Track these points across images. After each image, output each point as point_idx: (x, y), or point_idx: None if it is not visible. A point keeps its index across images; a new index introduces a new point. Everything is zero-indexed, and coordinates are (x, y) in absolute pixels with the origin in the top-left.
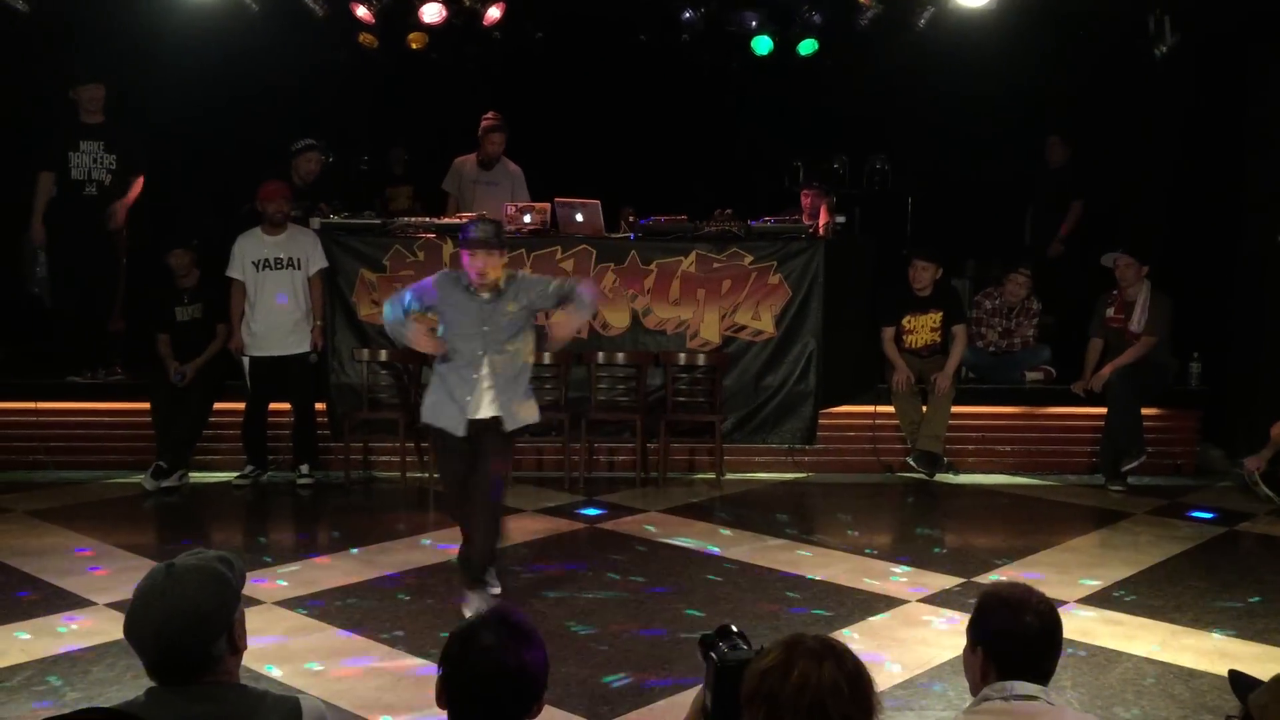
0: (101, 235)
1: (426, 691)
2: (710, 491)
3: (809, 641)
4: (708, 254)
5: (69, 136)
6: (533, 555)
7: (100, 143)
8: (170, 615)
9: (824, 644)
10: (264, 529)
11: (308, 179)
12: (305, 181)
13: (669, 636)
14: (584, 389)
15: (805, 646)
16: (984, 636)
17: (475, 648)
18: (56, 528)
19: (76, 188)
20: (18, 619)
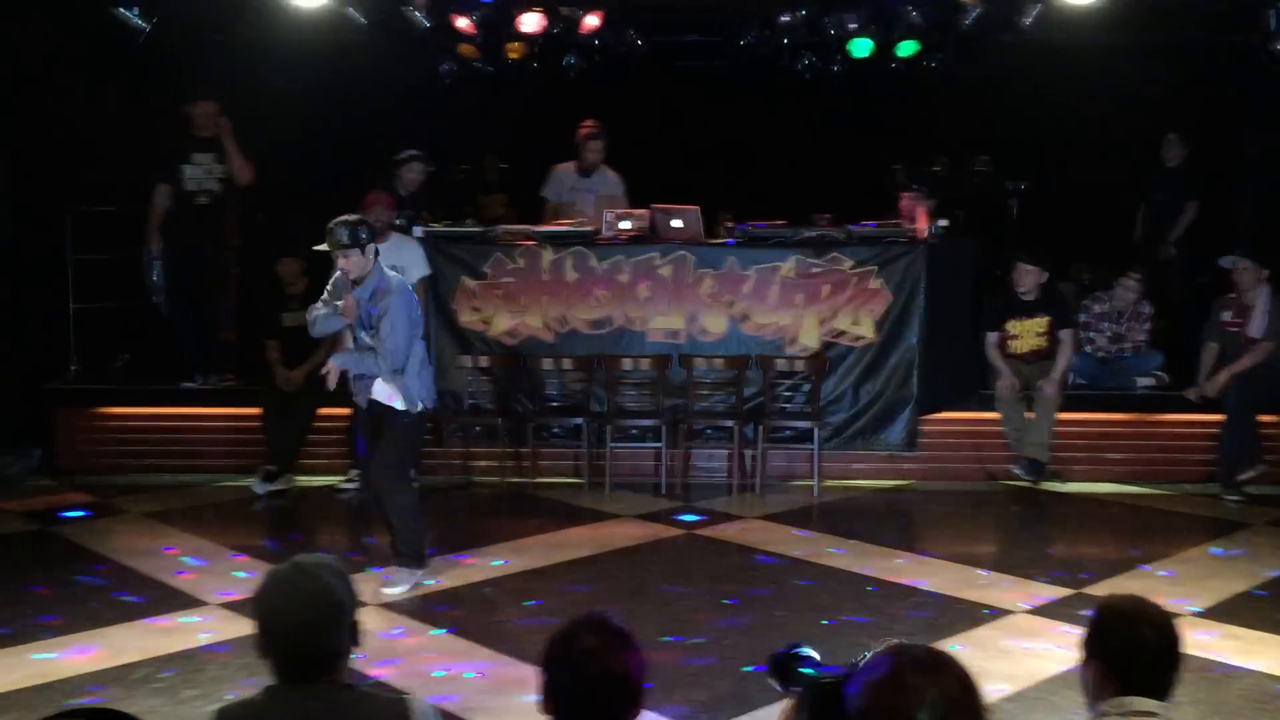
0: (214, 244)
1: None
2: (809, 498)
3: (916, 652)
4: (807, 259)
5: (182, 150)
6: (629, 560)
7: (212, 154)
8: (311, 606)
9: (933, 655)
10: (368, 532)
11: (411, 188)
12: (409, 191)
13: (767, 645)
14: (681, 395)
15: (913, 658)
16: (1101, 651)
17: (577, 650)
18: (171, 529)
19: (189, 198)
20: (135, 617)
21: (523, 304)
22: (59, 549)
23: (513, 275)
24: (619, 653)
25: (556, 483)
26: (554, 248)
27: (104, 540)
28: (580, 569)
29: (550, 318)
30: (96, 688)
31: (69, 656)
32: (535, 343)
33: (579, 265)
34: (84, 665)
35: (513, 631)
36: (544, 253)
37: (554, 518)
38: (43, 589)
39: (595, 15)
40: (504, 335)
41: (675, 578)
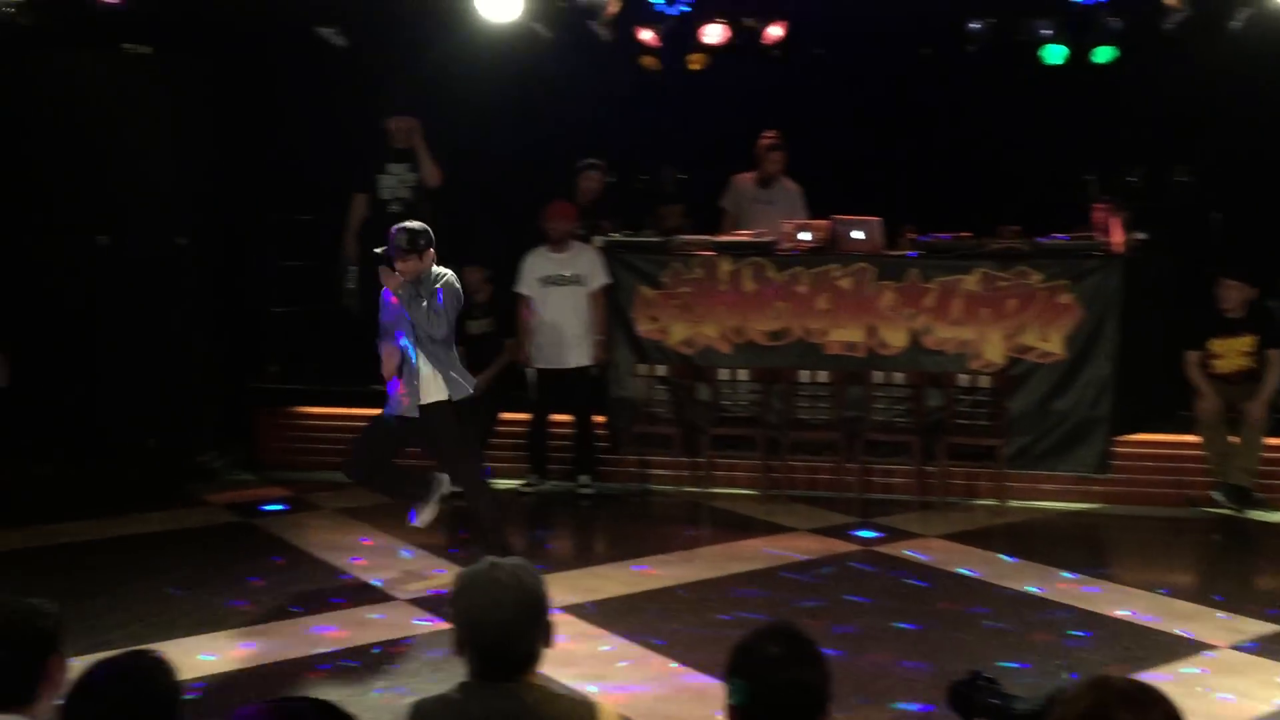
0: None
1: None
2: (992, 518)
3: (1121, 685)
4: (993, 272)
5: (379, 160)
6: (805, 574)
7: (405, 164)
8: (515, 606)
9: (1139, 689)
10: (546, 536)
11: (588, 197)
12: (586, 200)
13: (946, 668)
14: (860, 409)
15: (1118, 690)
16: None
17: (762, 659)
18: (361, 525)
19: (383, 207)
20: (327, 609)
21: (700, 314)
22: (258, 540)
23: (690, 285)
24: (806, 662)
25: (731, 493)
26: (732, 258)
27: (299, 534)
28: (755, 580)
29: (727, 328)
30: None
31: (267, 644)
32: (712, 353)
33: (757, 276)
34: (281, 653)
35: (687, 640)
36: (722, 263)
37: (728, 528)
38: (243, 578)
39: (779, 26)
40: (681, 345)
41: (852, 594)
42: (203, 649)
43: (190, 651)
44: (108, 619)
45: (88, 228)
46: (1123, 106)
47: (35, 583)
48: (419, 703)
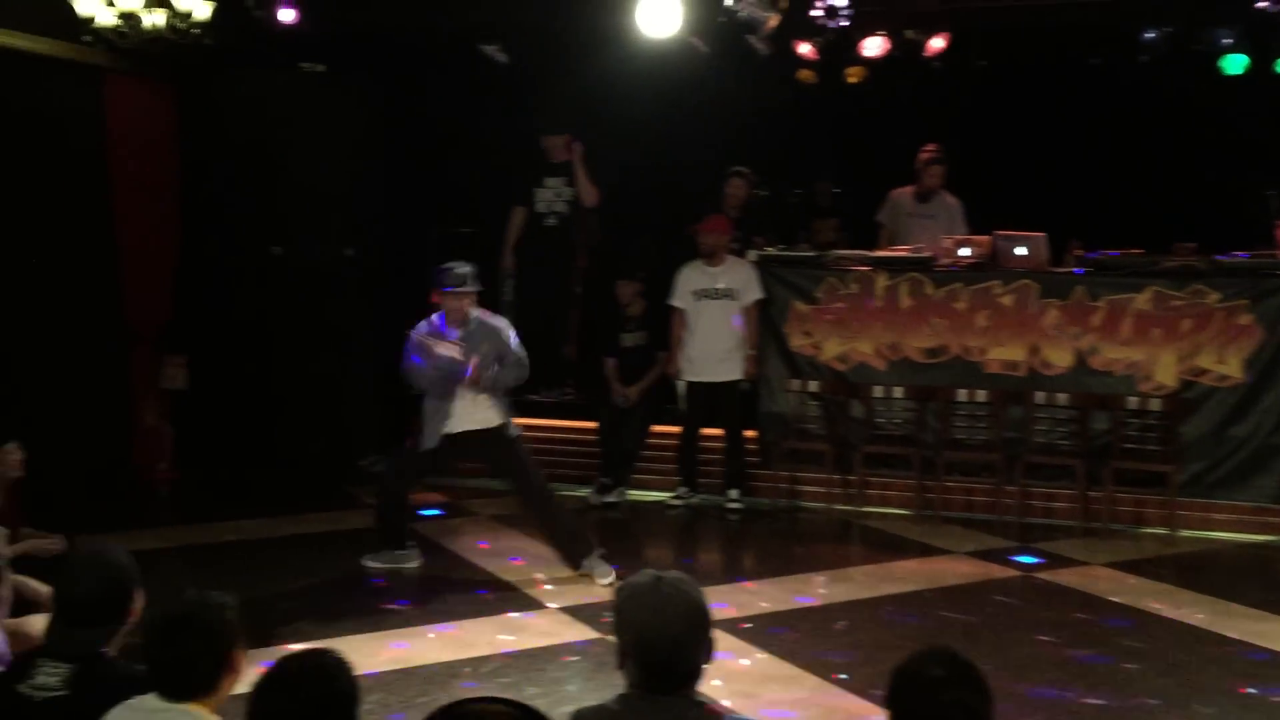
0: (560, 264)
1: None
2: (1161, 548)
3: None
4: (1166, 291)
5: (536, 174)
6: (960, 599)
7: (562, 179)
8: (685, 620)
9: None
10: (694, 550)
11: (734, 203)
12: (733, 206)
13: (1116, 704)
14: (1020, 430)
15: None
16: None
17: (925, 681)
18: (514, 532)
19: (539, 220)
20: (481, 614)
21: (854, 330)
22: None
23: (845, 301)
24: (969, 684)
25: (884, 513)
26: (889, 274)
27: (455, 539)
28: (909, 602)
29: (882, 344)
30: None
31: (425, 645)
32: (866, 369)
33: (914, 292)
34: (439, 654)
35: (839, 660)
36: (878, 278)
37: (881, 548)
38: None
39: (941, 37)
40: (834, 361)
41: (1011, 622)
42: (363, 648)
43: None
44: (273, 615)
45: (263, 238)
46: None
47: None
48: (578, 712)
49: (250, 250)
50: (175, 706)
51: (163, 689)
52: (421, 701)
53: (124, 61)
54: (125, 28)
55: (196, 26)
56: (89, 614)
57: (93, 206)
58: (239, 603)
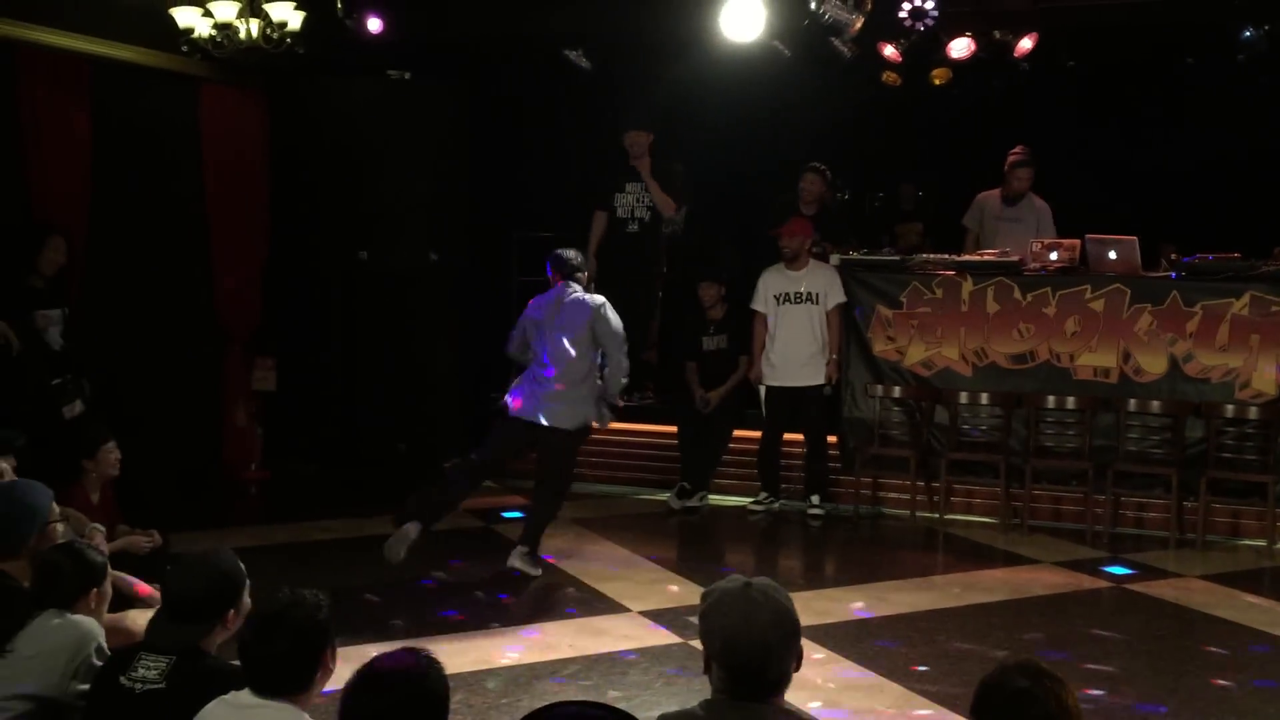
0: (642, 268)
1: None
2: (1260, 560)
3: None
4: (1265, 295)
5: (617, 179)
6: (1050, 610)
7: (642, 184)
8: (776, 625)
9: None
10: (775, 556)
11: (808, 199)
12: (807, 202)
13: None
14: (1110, 437)
15: None
16: None
17: (1011, 692)
18: (596, 536)
19: (621, 225)
20: (564, 618)
21: (939, 335)
22: (499, 545)
23: (929, 305)
24: (1056, 696)
25: (968, 520)
26: (974, 278)
27: None
28: (996, 613)
29: (968, 350)
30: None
31: (508, 647)
32: (951, 375)
33: (1001, 297)
34: (521, 656)
35: (922, 670)
36: (964, 283)
37: (966, 557)
38: (483, 582)
39: (1030, 38)
40: (918, 366)
41: (1104, 634)
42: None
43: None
44: (363, 614)
45: (350, 243)
46: None
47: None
48: (662, 716)
49: (337, 255)
50: (268, 703)
51: (256, 685)
52: (504, 703)
53: (219, 71)
54: (221, 38)
55: (289, 36)
56: (192, 610)
57: (187, 211)
58: (330, 601)
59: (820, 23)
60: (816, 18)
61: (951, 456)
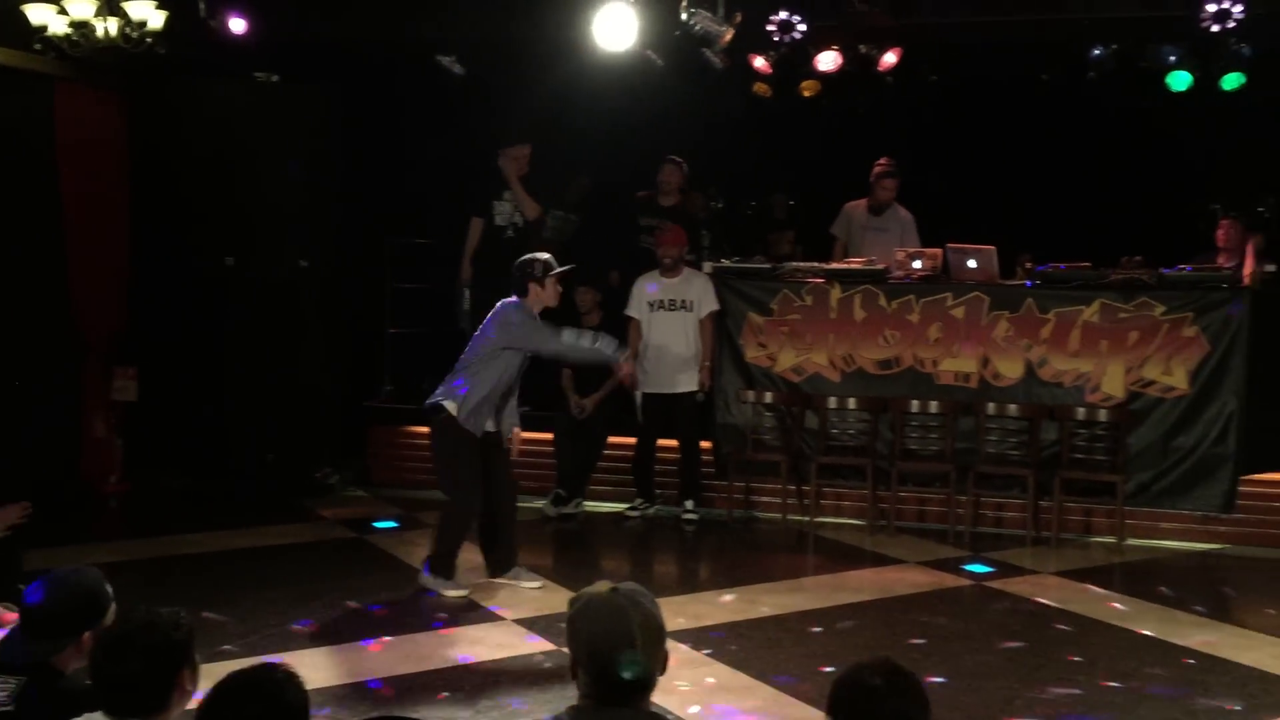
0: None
1: None
2: (1109, 556)
3: None
4: (1113, 303)
5: (495, 186)
6: (913, 609)
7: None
8: (640, 628)
9: None
10: (650, 561)
11: (665, 190)
12: (667, 192)
13: (1059, 709)
14: (971, 440)
15: None
16: None
17: (864, 691)
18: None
19: (498, 232)
20: (435, 628)
21: (809, 341)
22: (372, 556)
23: (799, 313)
24: (906, 694)
25: (838, 523)
26: (842, 286)
27: (410, 551)
28: (862, 613)
29: (836, 356)
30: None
31: (378, 659)
32: (820, 381)
33: (867, 304)
34: (391, 668)
35: (792, 670)
36: (832, 291)
37: (835, 559)
38: (357, 593)
39: (894, 52)
40: (789, 372)
41: (962, 630)
42: (316, 661)
43: (305, 663)
44: (226, 629)
45: (217, 249)
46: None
47: (159, 591)
48: None
49: (204, 261)
50: None
51: (110, 707)
52: (374, 716)
53: (75, 70)
54: (78, 36)
55: (150, 35)
56: (49, 625)
57: (42, 216)
58: (190, 619)
59: (691, 33)
60: (688, 28)
61: (821, 460)
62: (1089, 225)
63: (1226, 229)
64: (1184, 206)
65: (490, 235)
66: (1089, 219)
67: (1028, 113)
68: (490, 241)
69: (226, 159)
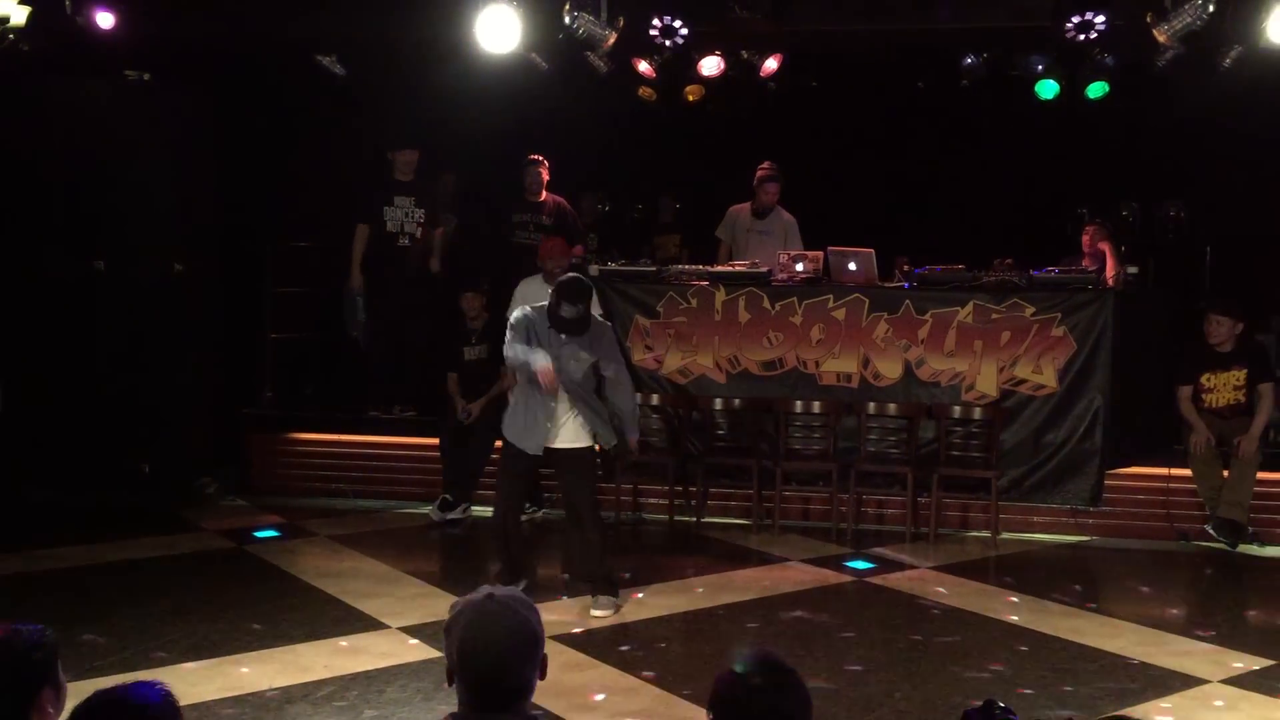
0: (412, 283)
1: None
2: (985, 550)
3: None
4: (986, 304)
5: (384, 193)
6: (797, 606)
7: (411, 199)
8: (513, 634)
9: None
10: (538, 565)
11: (533, 189)
12: (531, 193)
13: (942, 701)
14: (853, 439)
15: None
16: None
17: (743, 689)
18: (354, 553)
19: (390, 239)
20: (320, 637)
21: (695, 343)
22: (251, 567)
23: (685, 315)
24: (785, 690)
25: (724, 523)
26: (727, 288)
27: (293, 560)
28: (747, 611)
29: (722, 358)
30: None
31: (259, 671)
32: (706, 382)
33: (752, 306)
34: (272, 680)
35: (678, 670)
36: (717, 293)
37: (721, 558)
38: (236, 605)
39: (775, 59)
40: (675, 374)
41: (844, 625)
42: (194, 677)
43: (182, 679)
44: (99, 645)
45: (86, 253)
46: (1116, 142)
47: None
48: None
49: (72, 266)
50: None
51: None
52: None
53: None
54: None
55: (12, 31)
56: None
57: None
58: (54, 638)
59: (575, 36)
60: (571, 31)
61: (707, 462)
62: (963, 228)
63: (1091, 233)
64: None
65: (382, 242)
66: (963, 222)
67: (905, 119)
68: (383, 248)
69: (96, 160)
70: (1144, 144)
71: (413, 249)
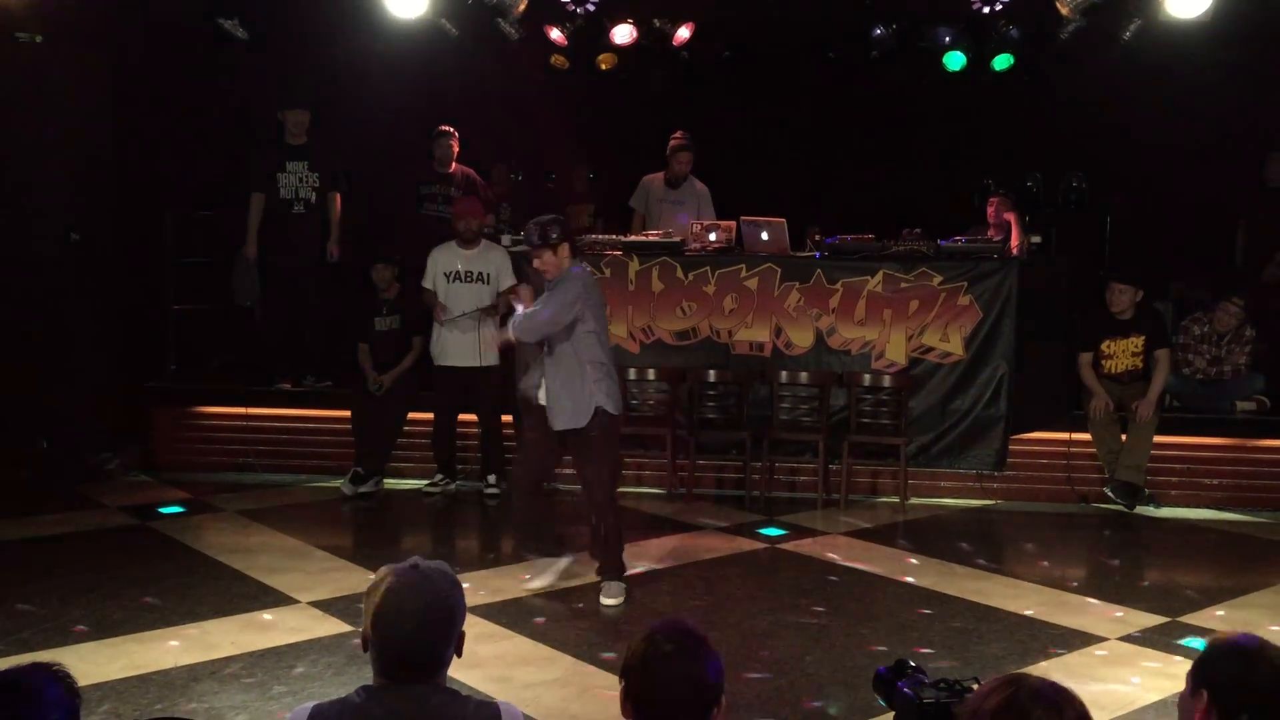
0: (308, 251)
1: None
2: (894, 515)
3: (1036, 684)
4: (895, 274)
5: (276, 158)
6: (711, 573)
7: (304, 163)
8: (430, 607)
9: (1052, 688)
10: (452, 537)
11: (443, 162)
12: (443, 166)
13: (851, 663)
14: (766, 408)
15: (1032, 689)
16: (1211, 684)
17: (655, 655)
18: (263, 528)
19: (285, 206)
20: (227, 613)
21: (609, 313)
22: (156, 543)
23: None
24: (696, 657)
25: (639, 492)
26: (640, 258)
27: (199, 536)
28: (661, 580)
29: (635, 328)
30: (189, 681)
31: (164, 649)
32: (620, 352)
33: (665, 276)
34: (178, 658)
35: (593, 639)
36: (630, 263)
37: (636, 527)
38: (140, 583)
39: (686, 27)
40: None
41: (757, 592)
42: (97, 656)
43: (85, 659)
44: None
45: None
46: (1020, 113)
47: None
48: (317, 706)
49: None
50: None
51: None
52: (159, 708)
53: None
54: None
55: None
56: None
57: None
58: None
59: (485, 2)
60: None
61: (621, 431)
62: (873, 198)
63: (996, 204)
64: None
65: (277, 210)
66: (873, 192)
67: (816, 90)
68: (278, 217)
69: None
70: (1047, 115)
71: (307, 216)
